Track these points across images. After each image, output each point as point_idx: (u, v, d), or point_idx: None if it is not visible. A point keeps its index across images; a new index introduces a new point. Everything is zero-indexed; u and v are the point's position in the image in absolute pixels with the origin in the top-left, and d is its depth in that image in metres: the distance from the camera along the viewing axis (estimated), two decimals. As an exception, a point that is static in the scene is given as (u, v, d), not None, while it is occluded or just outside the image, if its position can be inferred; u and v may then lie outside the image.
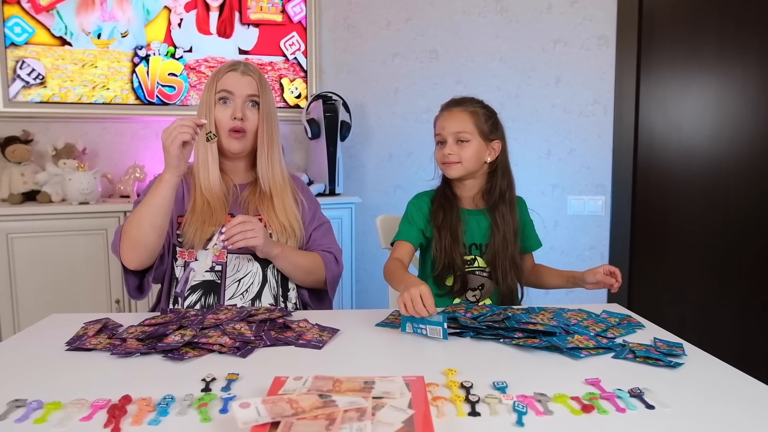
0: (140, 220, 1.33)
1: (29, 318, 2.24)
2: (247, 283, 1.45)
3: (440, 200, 1.60)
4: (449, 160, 1.55)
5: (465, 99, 1.60)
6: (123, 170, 2.67)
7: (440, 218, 1.57)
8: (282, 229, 1.50)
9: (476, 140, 1.54)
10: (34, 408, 0.83)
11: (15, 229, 2.24)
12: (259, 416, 0.72)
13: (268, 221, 1.50)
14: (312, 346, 1.11)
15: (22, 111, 2.58)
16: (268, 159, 1.51)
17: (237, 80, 1.46)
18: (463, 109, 1.56)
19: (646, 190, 2.80)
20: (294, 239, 1.52)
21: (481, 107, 1.58)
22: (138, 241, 1.35)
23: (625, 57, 2.74)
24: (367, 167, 2.97)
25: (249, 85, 1.47)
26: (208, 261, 1.44)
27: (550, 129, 2.84)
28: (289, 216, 1.52)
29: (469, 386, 0.91)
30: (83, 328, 1.19)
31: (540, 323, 1.17)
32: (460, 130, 1.54)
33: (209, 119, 1.45)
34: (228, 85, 1.46)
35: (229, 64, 1.50)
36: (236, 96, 1.46)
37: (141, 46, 2.69)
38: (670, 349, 1.09)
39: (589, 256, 2.86)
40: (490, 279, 1.56)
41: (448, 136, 1.55)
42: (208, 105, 1.46)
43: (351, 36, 2.92)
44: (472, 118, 1.55)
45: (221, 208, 1.46)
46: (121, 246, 1.37)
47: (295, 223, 1.52)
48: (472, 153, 1.54)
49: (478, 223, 1.58)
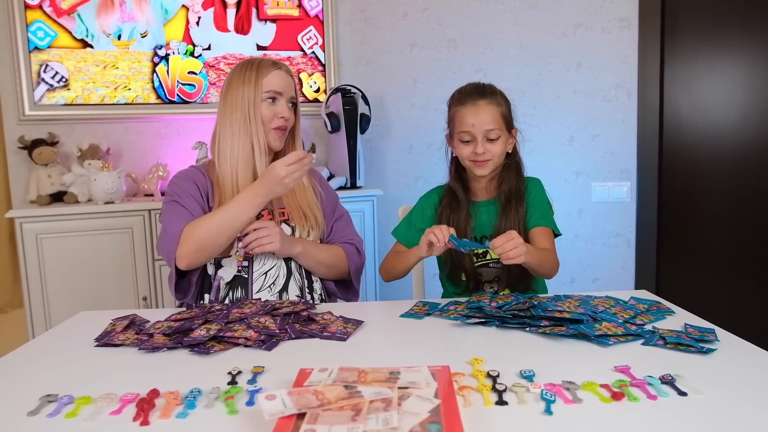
0: (220, 232, 1.35)
1: (59, 315, 2.29)
2: (273, 275, 1.46)
3: (448, 199, 1.56)
4: (483, 158, 1.47)
5: (486, 88, 1.51)
6: (146, 169, 2.70)
7: (445, 219, 1.53)
8: (304, 221, 1.52)
9: (504, 134, 1.49)
10: (65, 403, 0.85)
11: (44, 229, 2.29)
12: (286, 408, 0.72)
13: (290, 214, 1.52)
14: (336, 338, 1.11)
15: (48, 114, 2.62)
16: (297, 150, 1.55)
17: (283, 80, 1.49)
18: (490, 101, 1.47)
19: (672, 174, 2.75)
20: (317, 230, 1.54)
21: (502, 97, 1.52)
22: (207, 247, 1.36)
23: (648, 39, 2.68)
24: (387, 159, 2.96)
25: (291, 86, 1.52)
26: (233, 266, 1.45)
27: (572, 115, 2.80)
28: (312, 207, 1.55)
29: (495, 375, 0.90)
30: (111, 325, 1.21)
31: (566, 311, 1.15)
32: (492, 127, 1.45)
33: (254, 115, 1.46)
34: (276, 86, 1.48)
35: (271, 62, 1.50)
36: (283, 96, 1.49)
37: (160, 45, 2.71)
38: (701, 334, 1.06)
39: (615, 243, 2.82)
40: (503, 270, 1.51)
41: (479, 134, 1.46)
42: (251, 100, 1.46)
43: (368, 28, 2.90)
44: (499, 111, 1.48)
45: None
46: (182, 248, 1.35)
47: (317, 213, 1.55)
48: (502, 148, 1.49)
49: (488, 215, 1.54)
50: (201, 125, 2.79)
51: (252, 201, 1.35)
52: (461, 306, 1.26)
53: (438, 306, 1.30)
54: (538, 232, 1.50)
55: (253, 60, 1.51)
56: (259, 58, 1.53)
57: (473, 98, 1.48)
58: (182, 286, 1.44)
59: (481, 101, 1.47)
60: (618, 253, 2.83)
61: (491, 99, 1.48)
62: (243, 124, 1.46)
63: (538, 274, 1.46)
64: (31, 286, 2.29)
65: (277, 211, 1.52)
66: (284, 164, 1.31)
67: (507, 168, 1.54)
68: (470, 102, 1.48)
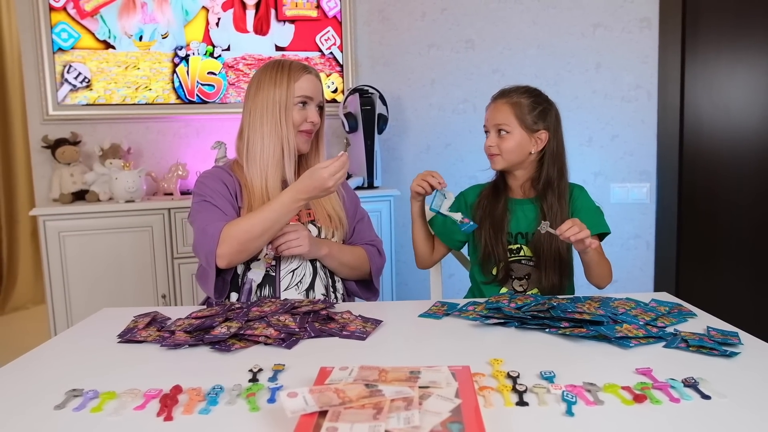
0: (263, 233, 1.35)
1: (80, 312, 2.33)
2: (300, 274, 1.48)
3: (488, 191, 1.63)
4: (489, 152, 1.57)
5: (512, 89, 1.58)
6: (166, 168, 2.72)
7: (484, 208, 1.59)
8: (329, 222, 1.55)
9: (518, 132, 1.53)
10: (90, 397, 0.86)
11: (66, 227, 2.32)
12: (307, 405, 0.73)
13: (316, 215, 1.54)
14: (356, 337, 1.11)
15: (70, 114, 2.66)
16: (322, 156, 1.58)
17: (314, 85, 1.51)
18: (506, 100, 1.55)
19: (693, 175, 2.72)
20: (341, 230, 1.57)
21: (527, 98, 1.54)
22: (249, 247, 1.37)
23: (669, 39, 2.66)
24: (404, 160, 2.96)
25: (320, 90, 1.54)
26: (262, 268, 1.46)
27: (591, 116, 2.78)
28: (336, 208, 1.57)
29: (515, 376, 0.90)
30: (133, 322, 1.23)
31: (586, 312, 1.14)
32: (500, 122, 1.54)
33: (285, 118, 1.47)
34: (308, 91, 1.49)
35: (302, 66, 1.51)
36: (313, 101, 1.51)
37: (181, 46, 2.74)
38: (724, 338, 1.05)
39: (634, 245, 2.80)
40: (536, 268, 1.54)
41: (491, 127, 1.56)
42: (282, 104, 1.47)
43: (386, 28, 2.91)
44: (513, 110, 1.53)
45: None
46: (223, 247, 1.34)
47: (341, 214, 1.58)
48: (513, 145, 1.53)
49: (525, 213, 1.57)
50: (220, 125, 2.81)
51: (294, 204, 1.35)
52: (480, 306, 1.26)
53: (457, 306, 1.30)
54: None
55: (282, 62, 1.51)
56: (289, 61, 1.53)
57: (495, 97, 1.60)
58: (218, 285, 1.42)
59: (499, 100, 1.58)
60: (637, 254, 2.80)
61: (509, 98, 1.56)
62: (274, 126, 1.47)
63: (598, 275, 1.51)
64: (53, 283, 2.33)
65: (304, 212, 1.53)
66: (329, 171, 1.31)
67: (543, 170, 1.56)
68: (492, 101, 1.60)
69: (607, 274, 1.53)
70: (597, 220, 1.55)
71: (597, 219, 1.55)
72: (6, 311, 3.85)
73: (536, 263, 1.54)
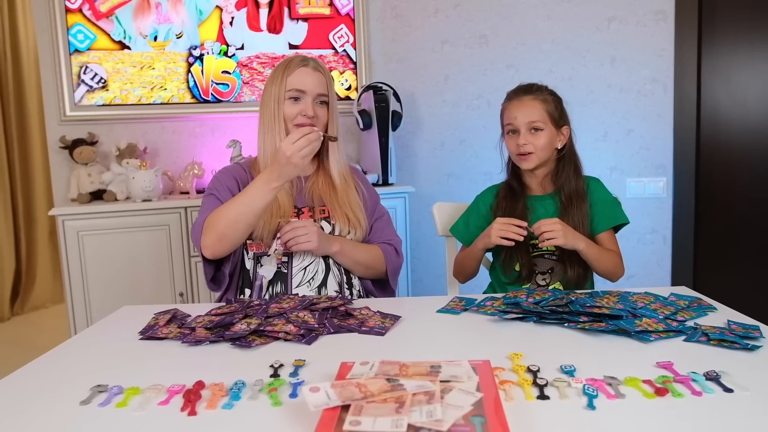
0: (237, 218, 1.33)
1: (99, 310, 2.35)
2: (312, 270, 1.48)
3: (505, 192, 1.62)
4: (524, 151, 1.53)
5: (533, 86, 1.58)
6: (182, 167, 2.75)
7: (503, 210, 1.58)
8: (346, 221, 1.52)
9: (548, 128, 1.54)
10: (115, 393, 0.87)
11: (84, 227, 2.35)
12: (330, 400, 0.74)
13: (332, 213, 1.52)
14: (375, 333, 1.12)
15: (87, 114, 2.69)
16: (337, 152, 1.54)
17: (308, 78, 1.47)
18: (534, 97, 1.55)
19: (710, 169, 2.69)
20: (360, 230, 1.54)
21: (549, 94, 1.57)
22: (227, 235, 1.35)
23: (685, 31, 2.63)
24: (419, 156, 2.96)
25: (319, 83, 1.48)
26: (273, 264, 1.46)
27: (606, 110, 2.76)
28: (354, 208, 1.54)
29: (536, 370, 0.90)
30: (154, 319, 1.24)
31: (605, 306, 1.14)
32: (533, 119, 1.53)
33: (277, 113, 1.47)
34: (299, 84, 1.46)
35: (300, 59, 1.49)
36: (307, 95, 1.47)
37: (195, 46, 2.76)
38: (746, 331, 1.04)
39: (650, 239, 2.78)
40: (559, 262, 1.54)
41: (521, 125, 1.53)
42: (276, 99, 1.47)
43: (399, 25, 2.91)
44: (543, 106, 1.54)
45: (288, 200, 1.49)
46: (206, 237, 1.37)
47: (360, 214, 1.54)
48: (546, 142, 1.54)
49: (545, 208, 1.57)
50: (235, 124, 2.83)
51: (265, 185, 1.31)
52: (498, 301, 1.26)
53: (475, 302, 1.30)
54: (603, 237, 1.56)
55: (287, 58, 1.53)
56: (292, 56, 1.52)
57: (519, 95, 1.58)
58: (218, 278, 1.47)
59: (525, 97, 1.56)
60: (654, 249, 2.78)
61: (536, 95, 1.55)
62: (269, 121, 1.48)
63: (600, 271, 1.52)
64: (72, 282, 2.36)
65: (318, 208, 1.53)
66: (289, 142, 1.27)
67: (561, 165, 1.58)
68: (516, 98, 1.57)
69: (611, 268, 1.51)
70: (614, 211, 1.57)
71: (614, 210, 1.57)
72: (25, 310, 3.90)
73: (559, 257, 1.54)
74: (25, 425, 0.79)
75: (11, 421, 0.80)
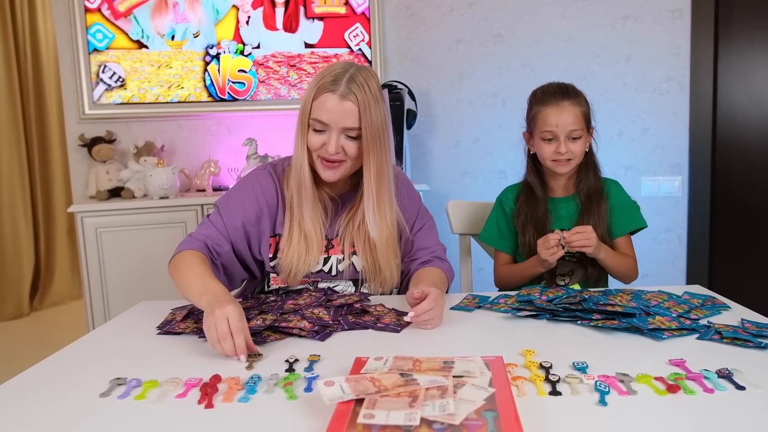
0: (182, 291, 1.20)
1: (117, 306, 2.39)
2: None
3: (525, 195, 1.59)
4: (565, 158, 1.48)
5: (569, 89, 1.52)
6: (198, 165, 2.78)
7: (525, 214, 1.56)
8: (375, 274, 1.37)
9: (584, 134, 1.51)
10: (133, 386, 0.89)
11: (103, 224, 2.39)
12: (344, 393, 0.75)
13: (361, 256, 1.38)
14: (390, 330, 1.13)
15: (106, 112, 2.73)
16: (375, 206, 1.31)
17: (333, 108, 1.22)
18: (573, 102, 1.49)
19: (726, 168, 2.67)
20: (388, 285, 1.40)
21: (584, 98, 1.53)
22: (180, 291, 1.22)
23: (701, 29, 2.61)
24: (433, 155, 2.96)
25: (346, 115, 1.22)
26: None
27: (622, 109, 2.75)
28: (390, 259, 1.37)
29: (548, 366, 0.91)
30: (171, 314, 1.26)
31: (619, 305, 1.14)
32: (576, 127, 1.48)
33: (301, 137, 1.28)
34: (322, 114, 1.23)
35: (332, 80, 1.22)
36: (332, 128, 1.23)
37: (212, 45, 2.79)
38: (759, 330, 1.04)
39: (665, 238, 2.76)
40: (579, 264, 1.53)
41: (562, 134, 1.47)
42: (302, 119, 1.27)
43: (414, 24, 2.91)
44: (581, 112, 1.50)
45: (317, 241, 1.33)
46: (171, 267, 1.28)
47: (396, 273, 1.39)
48: (583, 148, 1.51)
49: (568, 210, 1.56)
50: (251, 122, 2.85)
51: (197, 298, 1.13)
52: (511, 299, 1.27)
53: (488, 299, 1.31)
54: (620, 241, 1.55)
55: (325, 69, 1.27)
56: (329, 70, 1.25)
57: (557, 98, 1.50)
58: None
59: (564, 102, 1.49)
60: (669, 248, 2.77)
61: (574, 100, 1.50)
62: (299, 136, 1.29)
63: (616, 275, 1.53)
64: (90, 278, 2.39)
65: (348, 242, 1.37)
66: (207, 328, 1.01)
67: (584, 166, 1.56)
68: (554, 102, 1.50)
69: (626, 273, 1.52)
70: (633, 215, 1.56)
71: (633, 214, 1.56)
72: (44, 306, 3.96)
73: (579, 259, 1.53)
74: (47, 415, 0.81)
75: (33, 411, 0.83)
